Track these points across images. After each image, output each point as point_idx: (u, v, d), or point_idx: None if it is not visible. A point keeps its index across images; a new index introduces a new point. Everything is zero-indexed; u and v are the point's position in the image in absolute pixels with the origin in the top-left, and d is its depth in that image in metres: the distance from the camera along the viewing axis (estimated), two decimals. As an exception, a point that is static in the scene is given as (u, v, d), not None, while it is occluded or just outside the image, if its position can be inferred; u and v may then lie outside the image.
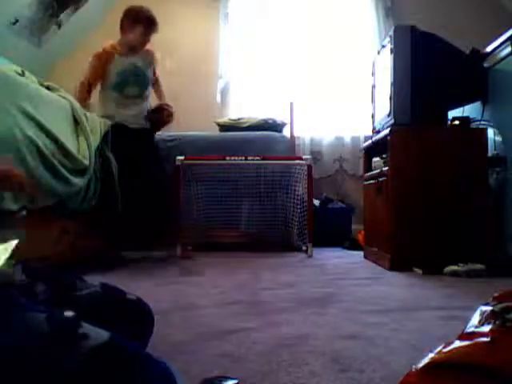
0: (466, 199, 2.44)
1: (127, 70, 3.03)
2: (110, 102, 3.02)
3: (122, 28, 3.09)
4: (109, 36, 4.62)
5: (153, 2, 4.60)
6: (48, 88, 2.22)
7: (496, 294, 0.84)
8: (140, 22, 3.06)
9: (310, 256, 3.09)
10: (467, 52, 2.66)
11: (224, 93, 4.41)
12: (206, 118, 3.97)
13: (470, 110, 2.80)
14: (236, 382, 0.83)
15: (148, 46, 3.22)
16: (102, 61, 3.02)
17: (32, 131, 1.81)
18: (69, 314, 0.62)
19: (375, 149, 2.86)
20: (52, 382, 0.53)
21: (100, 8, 4.42)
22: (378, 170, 2.70)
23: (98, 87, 3.10)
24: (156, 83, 3.37)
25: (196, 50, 4.53)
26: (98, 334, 0.58)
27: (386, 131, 2.54)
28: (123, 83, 3.01)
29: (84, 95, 2.96)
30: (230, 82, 4.40)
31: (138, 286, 2.00)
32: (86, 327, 0.59)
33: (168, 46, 4.58)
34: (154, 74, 3.32)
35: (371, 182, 2.86)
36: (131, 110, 3.04)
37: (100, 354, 0.56)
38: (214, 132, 3.91)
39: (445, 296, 1.76)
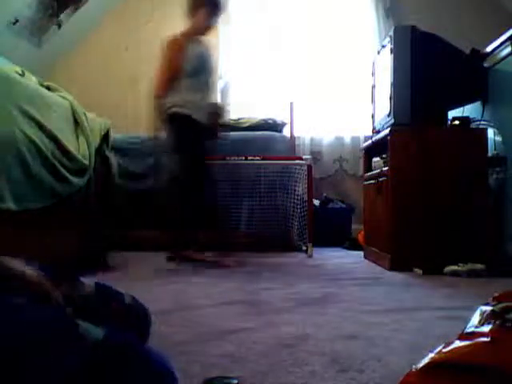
0: (466, 199, 2.44)
1: (198, 57, 2.93)
2: (186, 91, 2.85)
3: (189, 13, 3.02)
4: (109, 36, 4.63)
5: (153, 1, 4.61)
6: (48, 88, 2.22)
7: (496, 294, 0.84)
8: (202, 5, 2.96)
9: (310, 256, 3.09)
10: (467, 52, 2.66)
11: (224, 93, 4.41)
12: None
13: (470, 110, 2.79)
14: (237, 382, 0.83)
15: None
16: (175, 50, 2.91)
17: (32, 131, 1.81)
18: (69, 312, 0.63)
19: (375, 149, 2.86)
20: (53, 378, 0.54)
21: (100, 8, 4.42)
22: (378, 170, 2.70)
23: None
24: None
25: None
26: (98, 332, 0.59)
27: (386, 131, 2.54)
28: (196, 70, 2.89)
29: (163, 92, 2.84)
30: (230, 82, 4.40)
31: (138, 285, 2.00)
32: (86, 325, 0.60)
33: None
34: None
35: (371, 182, 2.86)
36: (204, 99, 2.91)
37: (101, 350, 0.57)
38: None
39: (445, 296, 1.76)
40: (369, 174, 2.96)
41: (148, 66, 4.55)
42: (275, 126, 3.83)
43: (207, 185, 2.86)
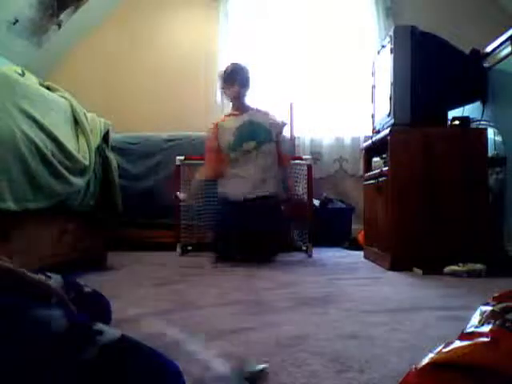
0: (466, 199, 2.44)
1: (242, 126, 2.98)
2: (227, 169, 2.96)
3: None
4: (109, 36, 4.63)
5: (153, 2, 4.61)
6: (48, 88, 2.22)
7: (496, 294, 0.84)
8: (230, 80, 3.05)
9: (310, 256, 3.09)
10: (467, 52, 2.66)
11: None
12: (205, 118, 3.96)
13: (470, 110, 2.79)
14: (263, 366, 0.88)
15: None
16: (214, 132, 3.04)
17: (32, 131, 1.80)
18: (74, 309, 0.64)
19: (375, 149, 2.86)
20: (67, 373, 0.54)
21: (100, 8, 4.42)
22: (378, 170, 2.70)
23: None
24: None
25: (196, 50, 4.53)
26: (111, 331, 0.60)
27: (386, 131, 2.54)
28: (241, 138, 2.95)
29: (213, 171, 3.00)
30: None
31: (137, 285, 2.00)
32: (100, 325, 0.61)
33: (168, 46, 4.59)
34: (279, 135, 3.12)
35: (371, 181, 2.86)
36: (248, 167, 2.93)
37: (114, 349, 0.58)
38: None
39: (445, 296, 1.76)
40: (369, 173, 2.96)
41: (148, 65, 4.56)
42: (275, 126, 3.83)
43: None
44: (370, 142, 2.98)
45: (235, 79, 3.02)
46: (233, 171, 2.95)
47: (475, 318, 0.79)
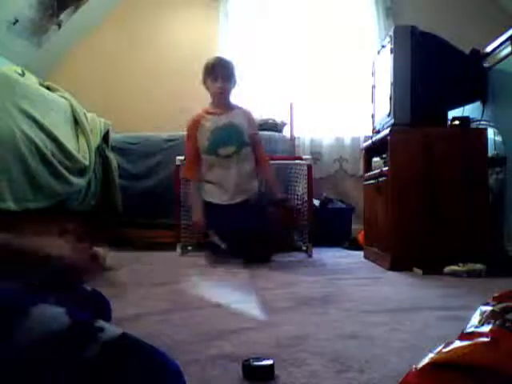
0: (466, 199, 2.44)
1: (218, 129, 2.83)
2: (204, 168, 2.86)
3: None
4: (109, 36, 4.63)
5: (153, 2, 4.61)
6: (48, 88, 2.22)
7: (496, 294, 0.84)
8: (212, 74, 2.87)
9: (310, 256, 3.09)
10: (467, 52, 2.66)
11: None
12: (205, 118, 3.95)
13: (470, 110, 2.79)
14: (272, 362, 0.91)
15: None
16: (193, 129, 2.90)
17: (32, 131, 1.81)
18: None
19: (375, 149, 2.86)
20: (69, 371, 0.55)
21: (100, 8, 4.42)
22: (378, 170, 2.70)
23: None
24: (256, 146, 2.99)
25: (196, 50, 4.52)
26: (112, 329, 0.60)
27: (386, 131, 2.54)
28: (215, 143, 2.82)
29: (191, 172, 2.90)
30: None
31: (137, 285, 2.00)
32: (101, 322, 0.61)
33: (168, 46, 4.59)
34: (254, 135, 2.98)
35: (371, 181, 2.86)
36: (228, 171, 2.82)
37: (115, 346, 0.58)
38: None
39: (445, 296, 1.75)
40: (369, 173, 2.96)
41: (148, 65, 4.56)
42: (275, 127, 3.83)
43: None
44: (370, 141, 2.98)
45: (218, 74, 2.84)
46: (208, 177, 2.86)
47: (475, 318, 0.79)
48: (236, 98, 3.11)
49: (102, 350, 0.56)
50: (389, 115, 2.60)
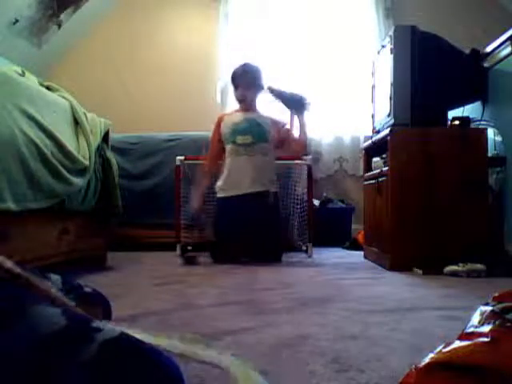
0: (466, 199, 2.44)
1: (241, 121, 3.01)
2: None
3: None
4: (109, 36, 4.64)
5: (154, 2, 4.61)
6: (48, 88, 2.22)
7: (496, 294, 0.84)
8: (233, 83, 3.11)
9: (310, 256, 3.09)
10: (467, 52, 2.66)
11: (224, 93, 4.41)
12: (205, 118, 3.96)
13: (470, 110, 2.80)
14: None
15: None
16: (217, 124, 3.11)
17: (32, 131, 1.80)
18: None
19: (375, 149, 2.86)
20: (66, 371, 0.54)
21: (100, 8, 4.42)
22: (378, 170, 2.70)
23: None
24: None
25: (196, 50, 4.53)
26: (110, 329, 0.60)
27: (386, 131, 2.54)
28: (235, 131, 2.99)
29: (209, 163, 3.08)
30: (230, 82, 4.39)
31: (137, 285, 2.00)
32: (99, 322, 0.61)
33: (168, 47, 4.60)
34: (287, 131, 3.10)
35: (371, 181, 2.86)
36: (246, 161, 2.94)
37: (112, 346, 0.58)
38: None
39: (445, 296, 1.75)
40: (369, 173, 2.96)
41: (148, 65, 4.56)
42: (275, 126, 3.83)
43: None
44: (370, 141, 2.98)
45: (238, 83, 3.06)
46: (228, 161, 2.99)
47: (475, 318, 0.79)
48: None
49: (100, 351, 0.56)
50: (389, 115, 2.60)
